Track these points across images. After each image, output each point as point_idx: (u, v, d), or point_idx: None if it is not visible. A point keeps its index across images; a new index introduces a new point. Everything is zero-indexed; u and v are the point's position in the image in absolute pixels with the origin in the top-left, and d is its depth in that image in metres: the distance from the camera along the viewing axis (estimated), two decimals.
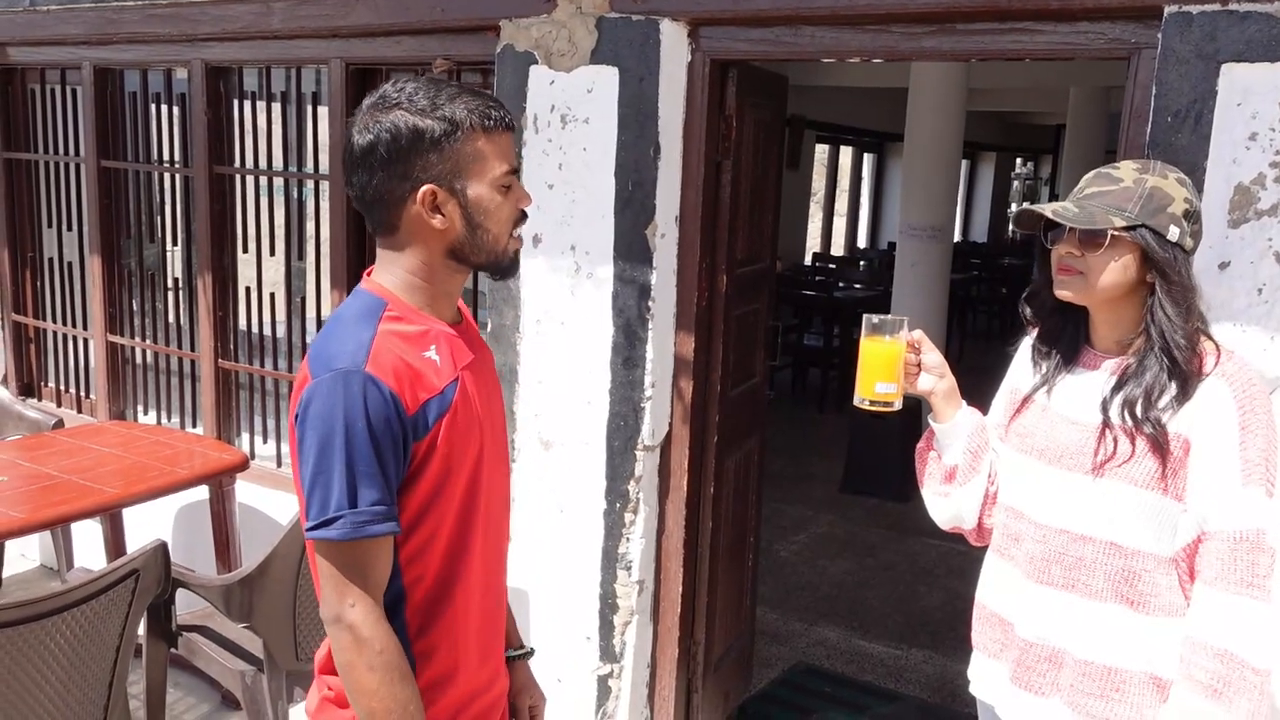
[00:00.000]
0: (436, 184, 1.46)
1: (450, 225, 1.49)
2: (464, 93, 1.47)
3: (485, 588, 1.60)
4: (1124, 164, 1.73)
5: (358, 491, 1.39)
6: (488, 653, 1.64)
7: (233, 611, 2.73)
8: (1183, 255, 1.65)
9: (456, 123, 1.44)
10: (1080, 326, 1.80)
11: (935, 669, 4.13)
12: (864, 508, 6.03)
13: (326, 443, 1.40)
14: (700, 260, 2.95)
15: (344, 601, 1.42)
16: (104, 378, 4.41)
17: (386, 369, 1.42)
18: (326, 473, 1.40)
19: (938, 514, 1.99)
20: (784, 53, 2.76)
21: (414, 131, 1.44)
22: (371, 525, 1.40)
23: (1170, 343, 1.64)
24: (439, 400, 1.46)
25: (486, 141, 1.47)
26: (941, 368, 1.88)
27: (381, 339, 1.45)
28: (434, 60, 3.27)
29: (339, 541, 1.40)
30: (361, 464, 1.39)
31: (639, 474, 2.98)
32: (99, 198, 4.28)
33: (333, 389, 1.40)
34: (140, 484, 3.27)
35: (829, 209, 13.84)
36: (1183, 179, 1.69)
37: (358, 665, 1.42)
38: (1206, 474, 1.60)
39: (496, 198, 1.50)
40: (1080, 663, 1.72)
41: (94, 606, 2.26)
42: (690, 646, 3.20)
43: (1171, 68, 2.20)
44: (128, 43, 3.99)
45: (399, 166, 1.45)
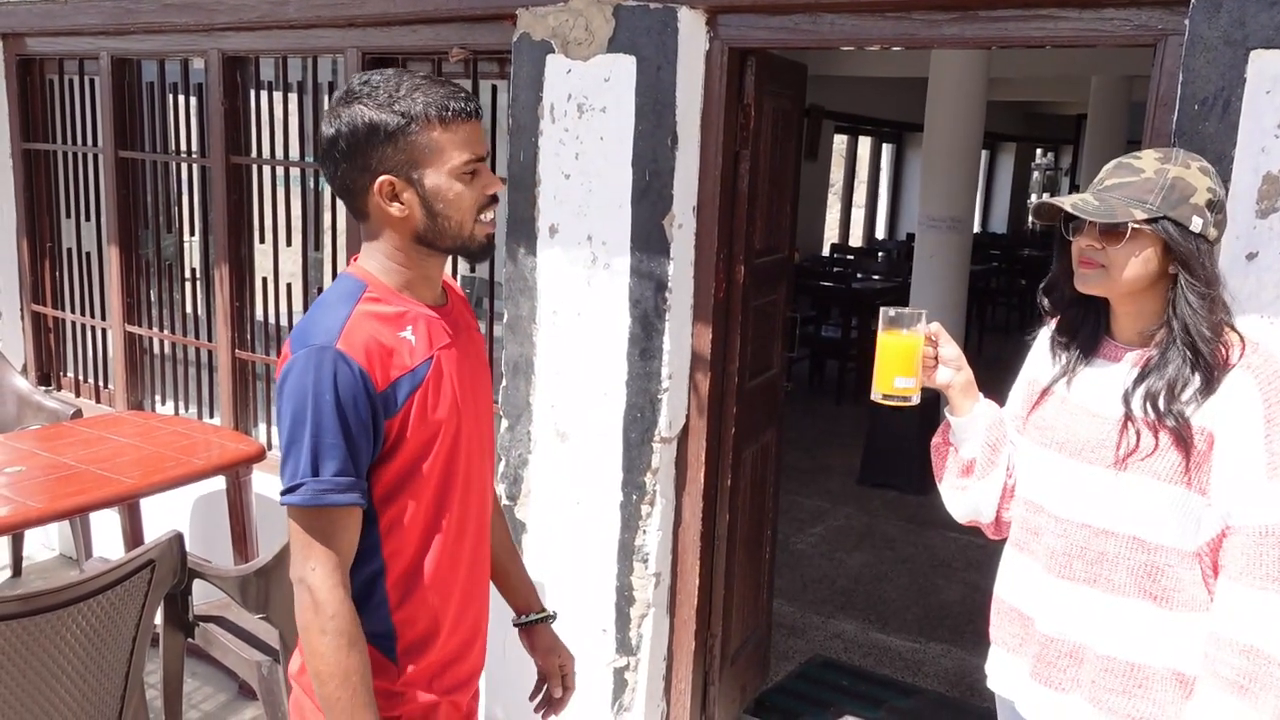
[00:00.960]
0: (394, 175, 1.52)
1: (410, 213, 1.55)
2: (426, 85, 1.53)
3: (465, 563, 1.67)
4: (1145, 153, 1.70)
5: (321, 462, 1.47)
6: (464, 624, 1.70)
7: (249, 602, 2.73)
8: (1206, 246, 1.62)
9: (412, 116, 1.50)
10: (1101, 318, 1.77)
11: (954, 662, 4.10)
12: (882, 500, 6.00)
13: (298, 415, 1.48)
14: (718, 251, 2.92)
15: (306, 564, 1.51)
16: (122, 368, 4.43)
17: (357, 346, 1.49)
18: (297, 443, 1.48)
19: (955, 508, 1.96)
20: (803, 41, 2.73)
21: (369, 125, 1.50)
22: (331, 494, 1.48)
23: (1194, 335, 1.61)
24: (410, 377, 1.54)
25: (443, 132, 1.52)
26: (959, 360, 1.85)
27: (356, 319, 1.52)
28: (450, 49, 3.25)
29: (302, 507, 1.49)
30: (327, 436, 1.47)
31: (656, 466, 2.96)
32: (117, 188, 4.29)
33: (306, 365, 1.48)
34: (158, 474, 3.27)
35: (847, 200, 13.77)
36: (1206, 168, 1.66)
37: (311, 627, 1.50)
38: (1231, 468, 1.57)
39: (456, 186, 1.55)
40: (1102, 658, 1.70)
41: (110, 597, 2.26)
42: (707, 639, 3.18)
43: (1199, 54, 2.16)
44: (145, 33, 3.99)
45: (359, 159, 1.52)
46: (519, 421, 3.13)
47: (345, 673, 1.50)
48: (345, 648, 1.49)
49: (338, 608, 1.50)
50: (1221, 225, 1.66)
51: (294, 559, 1.52)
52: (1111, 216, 1.63)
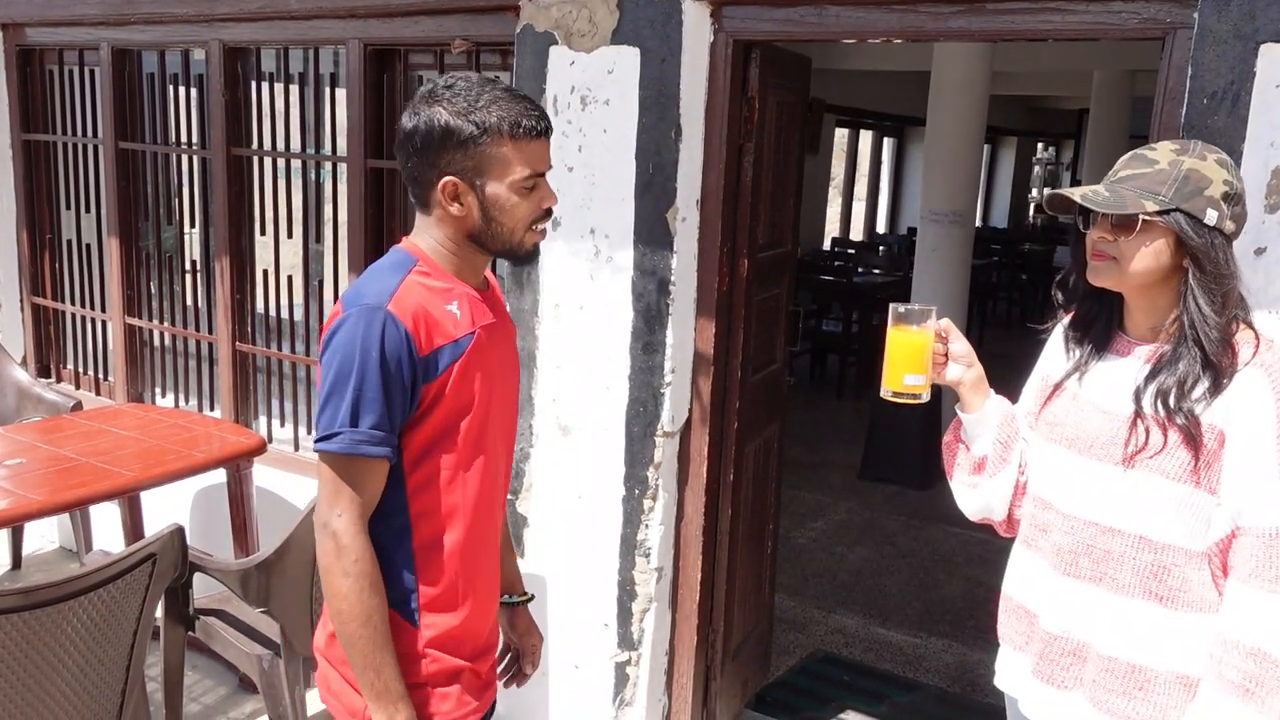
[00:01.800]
0: (459, 177, 1.62)
1: (467, 214, 1.65)
2: (505, 99, 1.61)
3: (485, 533, 1.75)
4: (1161, 145, 1.68)
5: (360, 413, 1.56)
6: (482, 591, 1.78)
7: (250, 596, 2.72)
8: (1221, 240, 1.59)
9: (486, 128, 1.59)
10: (1114, 312, 1.75)
11: (954, 657, 4.10)
12: (883, 495, 5.99)
13: (344, 367, 1.56)
14: (721, 245, 2.91)
15: (333, 510, 1.59)
16: (122, 360, 4.41)
17: (406, 310, 1.58)
18: (338, 394, 1.57)
19: (967, 505, 1.95)
20: (808, 33, 2.71)
21: (444, 129, 1.60)
22: (366, 445, 1.57)
23: (1201, 334, 1.58)
24: (452, 347, 1.62)
25: (512, 148, 1.61)
26: (969, 357, 1.83)
27: (408, 286, 1.61)
28: (452, 40, 3.23)
29: (336, 454, 1.57)
30: (369, 390, 1.56)
31: (658, 460, 2.95)
32: (117, 180, 4.27)
33: (357, 321, 1.57)
34: (158, 467, 3.26)
35: (848, 194, 13.74)
36: (1223, 160, 1.63)
37: (334, 570, 1.59)
38: (1242, 467, 1.55)
39: (514, 198, 1.64)
40: (1104, 658, 1.68)
41: (110, 591, 2.25)
42: (709, 634, 3.17)
43: (1208, 48, 2.14)
44: (145, 23, 3.97)
45: (430, 156, 1.62)
46: (520, 415, 3.11)
47: (367, 613, 1.58)
48: (367, 589, 1.58)
49: (361, 552, 1.58)
50: (1240, 219, 1.63)
51: (320, 504, 1.60)
52: (1122, 207, 1.61)
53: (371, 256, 3.58)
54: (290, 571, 2.68)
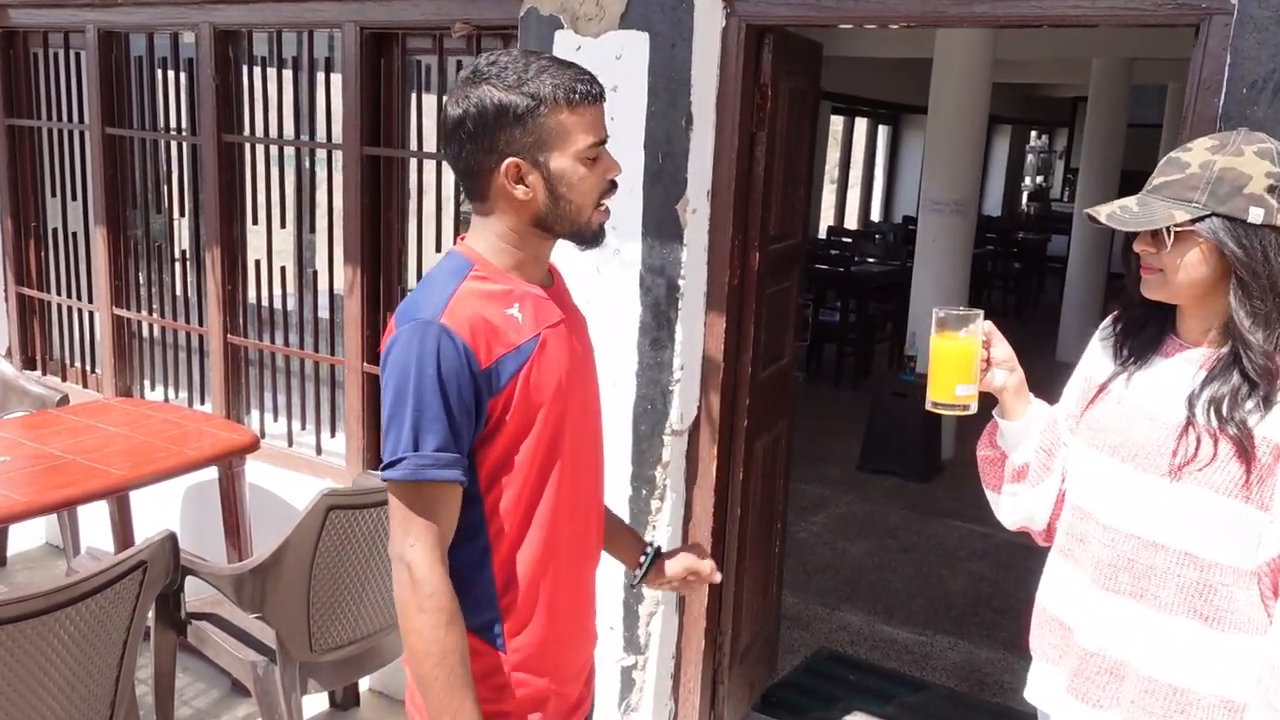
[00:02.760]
0: (520, 157, 1.50)
1: (533, 196, 1.53)
2: (553, 66, 1.50)
3: (575, 547, 1.65)
4: (1197, 144, 1.57)
5: (421, 436, 1.46)
6: (573, 611, 1.67)
7: (244, 601, 2.62)
8: (1274, 238, 1.48)
9: (540, 98, 1.48)
10: (1167, 316, 1.66)
11: (961, 655, 4.03)
12: (883, 487, 5.92)
13: (400, 389, 1.47)
14: (732, 237, 2.82)
15: (405, 540, 1.49)
16: (110, 352, 4.30)
17: (462, 322, 1.48)
18: (399, 417, 1.47)
19: (1007, 515, 1.85)
20: (825, 18, 2.62)
21: (499, 107, 1.48)
22: (430, 470, 1.46)
23: (1244, 353, 1.50)
24: (515, 356, 1.51)
25: (570, 115, 1.50)
26: (1011, 361, 1.73)
27: (462, 295, 1.50)
28: (453, 24, 3.13)
29: (402, 482, 1.47)
30: (429, 411, 1.45)
31: (666, 460, 2.86)
32: (104, 166, 4.16)
33: (410, 339, 1.47)
34: (148, 465, 3.17)
35: (843, 182, 13.66)
36: (1266, 149, 1.52)
37: (410, 604, 1.49)
38: None
39: (580, 169, 1.53)
40: (1144, 678, 1.60)
41: (100, 600, 2.16)
42: (717, 637, 3.09)
43: (1248, 34, 2.06)
44: (133, 5, 3.85)
45: (485, 140, 1.50)
46: None
47: (443, 651, 1.48)
48: (443, 625, 1.48)
49: (436, 585, 1.48)
50: None
51: (394, 535, 1.51)
52: (1151, 223, 1.52)
53: (367, 246, 3.48)
54: (286, 577, 2.59)
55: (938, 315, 1.68)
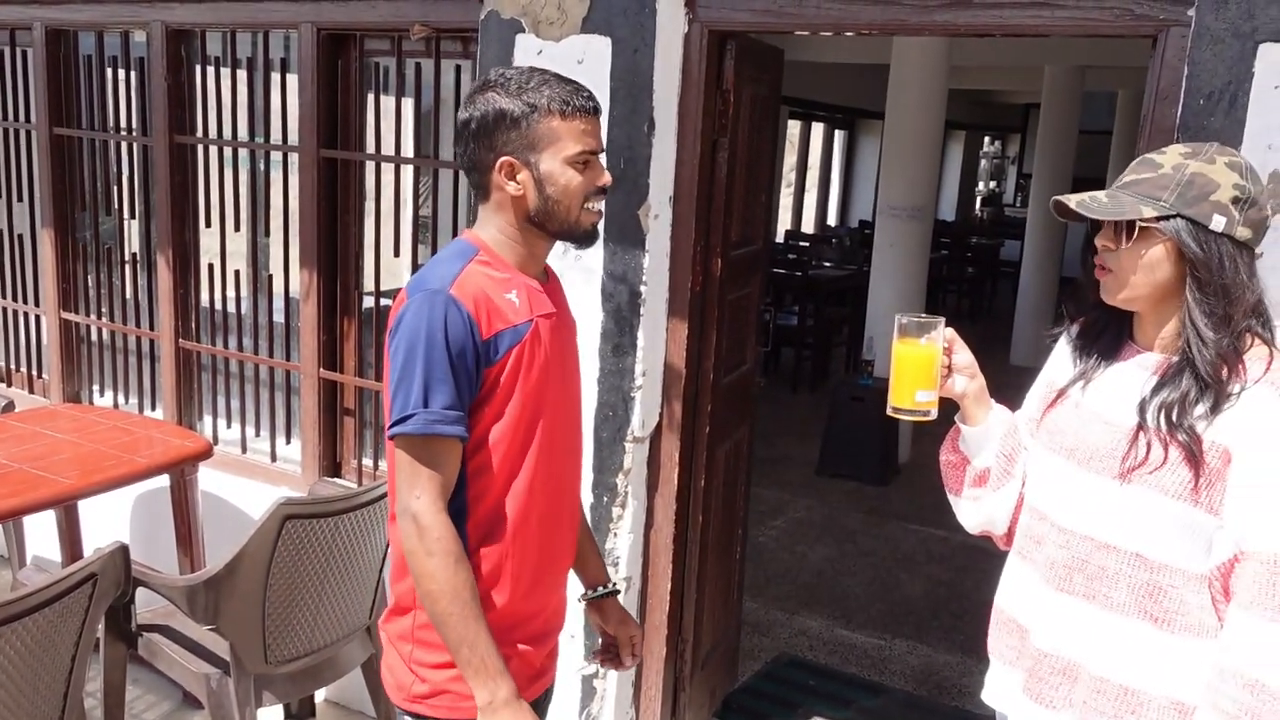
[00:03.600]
0: (514, 156, 1.68)
1: (524, 192, 1.70)
2: (554, 81, 1.69)
3: (545, 521, 1.77)
4: (1171, 148, 1.59)
5: (431, 394, 1.60)
6: (544, 581, 1.80)
7: (197, 613, 2.56)
8: (1231, 248, 1.50)
9: (536, 106, 1.66)
10: (1125, 320, 1.68)
11: (919, 659, 4.05)
12: (841, 491, 5.95)
13: (411, 351, 1.61)
14: (695, 243, 2.81)
15: (411, 492, 1.62)
16: (58, 357, 4.20)
17: (468, 295, 1.64)
18: (409, 378, 1.61)
19: (968, 519, 1.86)
20: (787, 25, 2.62)
21: (499, 111, 1.67)
22: (440, 425, 1.60)
23: (1195, 351, 1.51)
24: (512, 332, 1.67)
25: (562, 123, 1.67)
26: (973, 368, 1.75)
27: (469, 272, 1.67)
28: (411, 26, 3.09)
29: (412, 436, 1.61)
30: (437, 371, 1.60)
31: (627, 466, 2.84)
32: (51, 167, 4.06)
33: (421, 306, 1.62)
34: (97, 474, 3.09)
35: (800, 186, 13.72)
36: (1236, 163, 1.54)
37: (418, 551, 1.62)
38: (1248, 490, 1.47)
39: (569, 173, 1.69)
40: (1096, 679, 1.61)
41: (48, 614, 2.10)
42: (678, 644, 3.08)
43: (1205, 47, 2.08)
44: (83, 2, 3.77)
45: (486, 139, 1.69)
46: None
47: (455, 589, 1.61)
48: (452, 565, 1.61)
49: (442, 530, 1.62)
50: (1257, 225, 1.53)
51: (400, 490, 1.64)
52: (1120, 214, 1.53)
53: (324, 250, 3.43)
54: (241, 587, 2.54)
55: (900, 322, 1.69)
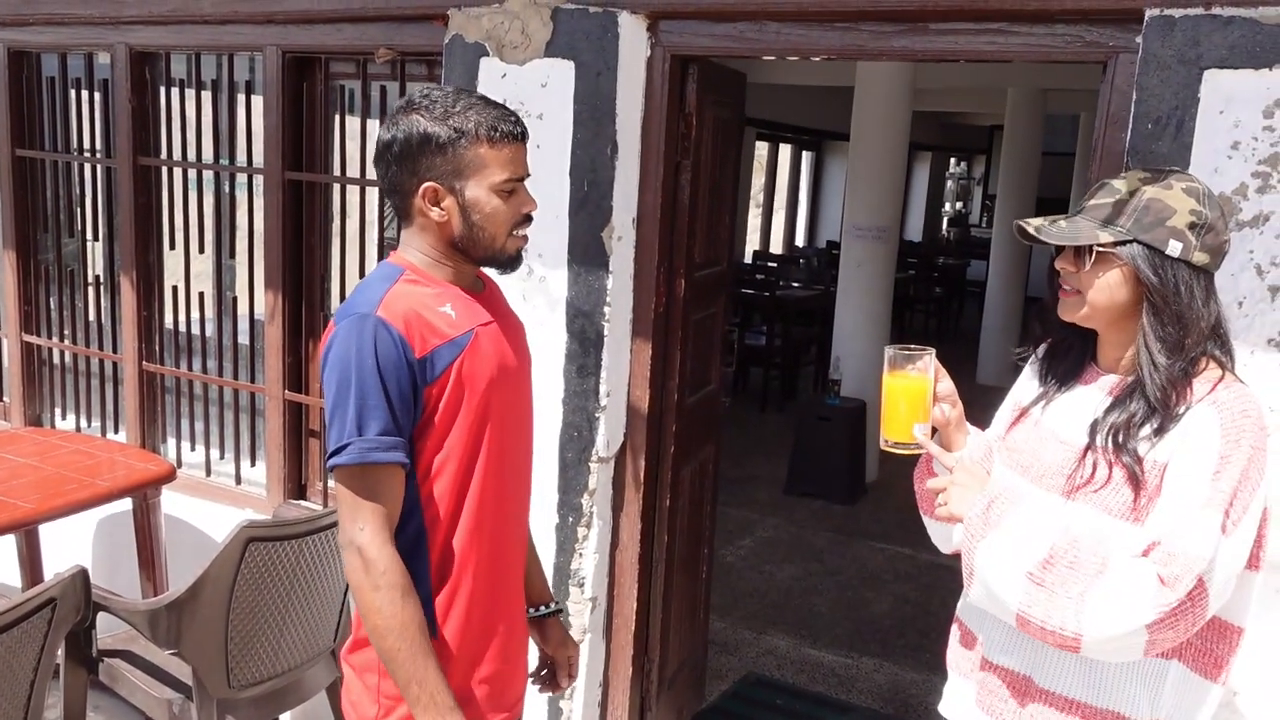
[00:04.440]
0: (438, 182, 1.64)
1: (448, 219, 1.66)
2: (481, 104, 1.65)
3: (506, 542, 1.76)
4: (1131, 173, 1.63)
5: (365, 422, 1.56)
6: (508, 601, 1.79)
7: (159, 637, 2.54)
8: (1188, 273, 1.53)
9: (462, 131, 1.62)
10: (1088, 342, 1.71)
11: (886, 678, 4.07)
12: (809, 510, 5.97)
13: (343, 380, 1.57)
14: (658, 264, 2.83)
15: (355, 525, 1.59)
16: (18, 380, 4.16)
17: (397, 315, 1.60)
18: (342, 406, 1.57)
19: (942, 541, 1.89)
20: (748, 50, 2.65)
21: (423, 135, 1.62)
22: (375, 452, 1.57)
23: (1147, 374, 1.54)
24: (450, 347, 1.63)
25: (489, 149, 1.63)
26: (953, 396, 1.77)
27: (396, 293, 1.63)
28: (376, 49, 3.10)
29: (349, 466, 1.57)
30: (370, 398, 1.56)
31: (592, 487, 2.85)
32: (13, 189, 4.03)
33: (349, 332, 1.59)
34: (58, 498, 3.06)
35: (768, 207, 13.82)
36: (1193, 188, 1.57)
37: (364, 586, 1.58)
38: (1172, 495, 1.50)
39: (494, 200, 1.65)
40: (1042, 692, 1.64)
41: (5, 640, 2.07)
42: (644, 664, 3.08)
43: (1153, 73, 2.13)
44: (46, 24, 3.75)
45: (409, 164, 1.64)
46: None
47: (403, 624, 1.57)
48: (399, 600, 1.57)
49: (388, 563, 1.58)
50: (1214, 250, 1.56)
51: (342, 522, 1.60)
52: (1075, 239, 1.57)
53: (289, 271, 3.43)
54: (204, 611, 2.52)
55: (889, 354, 1.69)
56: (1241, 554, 1.49)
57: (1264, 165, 2.05)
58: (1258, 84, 2.04)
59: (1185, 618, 1.46)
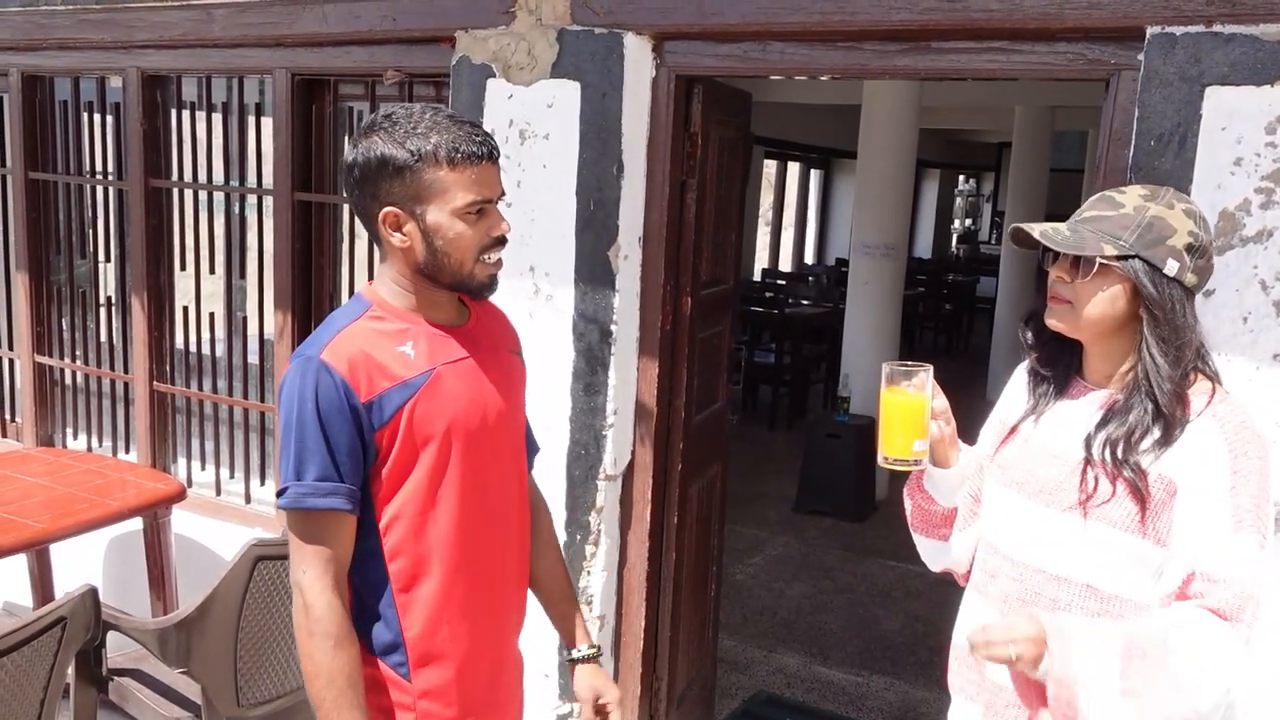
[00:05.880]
0: (398, 207, 1.57)
1: (410, 245, 1.59)
2: (445, 124, 1.56)
3: (479, 579, 1.69)
4: (1131, 189, 1.64)
5: (303, 467, 1.53)
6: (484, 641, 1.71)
7: (169, 656, 2.55)
8: (1180, 292, 1.56)
9: (421, 155, 1.54)
10: (1074, 357, 1.72)
11: (897, 696, 4.05)
12: (819, 528, 5.96)
13: (286, 421, 1.55)
14: (664, 282, 2.85)
15: (299, 568, 1.56)
16: (31, 400, 4.19)
17: (341, 357, 1.55)
18: (285, 449, 1.55)
19: (932, 558, 1.89)
20: (751, 69, 2.67)
21: (380, 158, 1.55)
22: (311, 498, 1.54)
23: (1155, 386, 1.55)
24: (400, 389, 1.57)
25: (450, 172, 1.55)
26: (948, 413, 1.77)
27: (350, 332, 1.58)
28: (385, 71, 3.13)
29: (290, 510, 1.55)
30: (309, 442, 1.53)
31: (600, 504, 2.86)
32: (26, 211, 4.07)
33: (294, 374, 1.56)
34: (69, 517, 3.08)
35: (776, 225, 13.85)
36: (1191, 210, 1.59)
37: (301, 628, 1.56)
38: (1196, 520, 1.51)
39: (458, 225, 1.57)
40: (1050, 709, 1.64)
41: (16, 658, 2.09)
42: (653, 683, 3.08)
43: (1155, 90, 2.14)
44: (59, 49, 3.80)
45: (369, 188, 1.58)
46: None
47: (330, 674, 1.54)
48: (330, 650, 1.54)
49: (324, 611, 1.54)
50: (1203, 272, 1.59)
51: (291, 562, 1.58)
52: (1080, 248, 1.57)
53: (299, 291, 3.46)
54: (213, 630, 2.53)
55: (887, 371, 1.69)
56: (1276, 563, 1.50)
57: (1267, 181, 2.06)
58: (1259, 100, 2.05)
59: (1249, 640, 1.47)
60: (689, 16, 2.62)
